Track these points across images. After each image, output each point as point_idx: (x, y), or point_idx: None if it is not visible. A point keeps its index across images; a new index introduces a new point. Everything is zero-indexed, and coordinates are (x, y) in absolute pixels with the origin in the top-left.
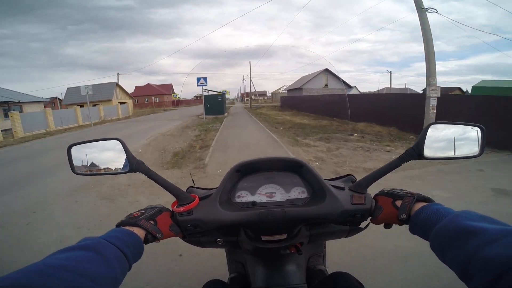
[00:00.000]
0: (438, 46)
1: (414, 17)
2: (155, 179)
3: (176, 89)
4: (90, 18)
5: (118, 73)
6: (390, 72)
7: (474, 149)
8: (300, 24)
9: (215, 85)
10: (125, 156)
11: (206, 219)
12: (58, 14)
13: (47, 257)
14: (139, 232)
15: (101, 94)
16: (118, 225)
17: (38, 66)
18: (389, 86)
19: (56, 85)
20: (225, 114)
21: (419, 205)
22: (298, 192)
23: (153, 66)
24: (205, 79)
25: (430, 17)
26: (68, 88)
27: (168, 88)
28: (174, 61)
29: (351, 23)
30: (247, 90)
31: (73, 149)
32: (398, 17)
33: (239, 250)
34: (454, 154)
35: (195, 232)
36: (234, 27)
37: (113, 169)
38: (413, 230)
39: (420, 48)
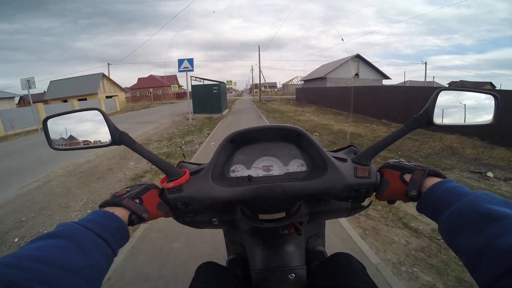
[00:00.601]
0: (456, 39)
1: (430, 9)
2: (141, 153)
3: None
4: (101, 12)
5: (108, 63)
6: (425, 63)
7: (487, 117)
8: (311, 15)
9: (225, 76)
10: (106, 128)
11: (197, 196)
12: (68, 8)
13: (21, 248)
14: (122, 213)
15: (86, 88)
16: (100, 206)
17: (51, 60)
18: (424, 79)
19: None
20: (225, 112)
21: (431, 180)
22: (297, 165)
23: (164, 58)
24: (190, 61)
25: (446, 10)
26: (51, 82)
27: (172, 80)
28: (185, 53)
29: (364, 15)
30: (256, 81)
31: (49, 122)
32: (414, 10)
33: (237, 231)
34: (465, 121)
35: (187, 211)
36: (244, 18)
37: (94, 142)
38: (421, 209)
39: (436, 41)
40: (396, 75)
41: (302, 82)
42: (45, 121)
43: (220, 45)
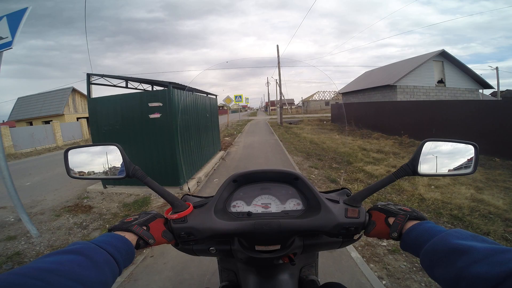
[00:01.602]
0: (474, 48)
1: (444, 18)
2: (151, 186)
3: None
4: (124, 30)
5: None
6: (496, 68)
7: (468, 166)
8: (325, 31)
9: (242, 94)
10: (121, 161)
11: (200, 227)
12: (96, 26)
13: (36, 260)
14: (131, 238)
15: (50, 107)
16: (110, 230)
17: (79, 76)
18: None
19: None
20: (209, 167)
21: (411, 223)
22: (293, 204)
23: (183, 77)
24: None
25: (459, 18)
26: (18, 99)
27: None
28: (202, 72)
29: (377, 28)
30: (273, 97)
31: (70, 153)
32: (427, 20)
33: (231, 259)
34: (448, 171)
35: (189, 240)
36: (258, 36)
37: (110, 174)
38: (404, 247)
39: (453, 50)
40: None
41: (341, 94)
42: (66, 152)
43: (236, 63)
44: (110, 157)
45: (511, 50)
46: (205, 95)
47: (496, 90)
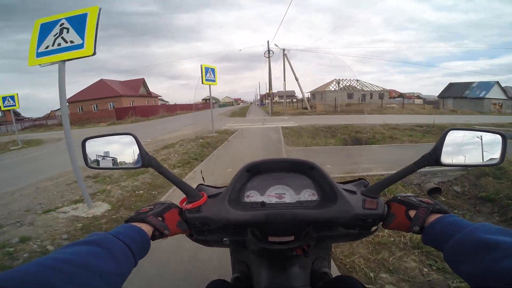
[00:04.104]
0: (467, 45)
1: (439, 16)
2: (166, 175)
3: (196, 93)
4: (117, 24)
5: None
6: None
7: (494, 157)
8: (320, 25)
9: (235, 88)
10: (138, 151)
11: (214, 217)
12: None
13: (55, 251)
14: (147, 228)
15: None
16: (126, 221)
17: (72, 70)
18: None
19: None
20: None
21: (434, 216)
22: (308, 194)
23: (176, 70)
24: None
25: (454, 15)
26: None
27: (137, 86)
28: (195, 66)
29: (373, 24)
30: (269, 89)
31: (87, 143)
32: (422, 17)
33: (244, 250)
34: (473, 161)
35: (203, 230)
36: (252, 29)
37: (126, 163)
38: (426, 241)
39: (448, 48)
40: (404, 83)
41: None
42: (84, 142)
43: (230, 57)
44: (126, 147)
45: (503, 47)
46: None
47: None
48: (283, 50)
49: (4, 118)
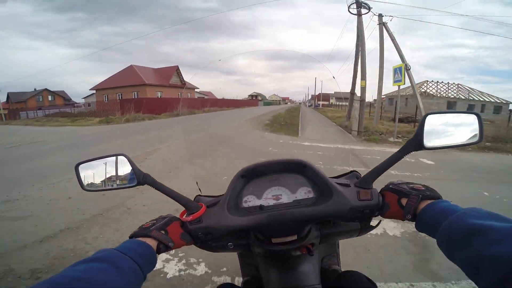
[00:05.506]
0: None
1: None
2: (163, 190)
3: (248, 89)
4: (182, 19)
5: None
6: None
7: (474, 135)
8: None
9: (284, 86)
10: (131, 170)
11: (216, 225)
12: (157, 15)
13: (65, 270)
14: (152, 243)
15: None
16: (131, 237)
17: (140, 61)
18: None
19: None
20: None
21: (425, 203)
22: (304, 192)
23: (231, 66)
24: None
25: None
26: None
27: (169, 74)
28: (249, 62)
29: (448, 27)
30: (322, 91)
31: (81, 167)
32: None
33: (251, 254)
34: (454, 142)
35: (207, 239)
36: (308, 29)
37: (121, 183)
38: (419, 229)
39: None
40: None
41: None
42: (76, 167)
43: (283, 55)
44: (119, 167)
45: None
46: None
47: None
48: (380, 16)
49: (54, 102)
